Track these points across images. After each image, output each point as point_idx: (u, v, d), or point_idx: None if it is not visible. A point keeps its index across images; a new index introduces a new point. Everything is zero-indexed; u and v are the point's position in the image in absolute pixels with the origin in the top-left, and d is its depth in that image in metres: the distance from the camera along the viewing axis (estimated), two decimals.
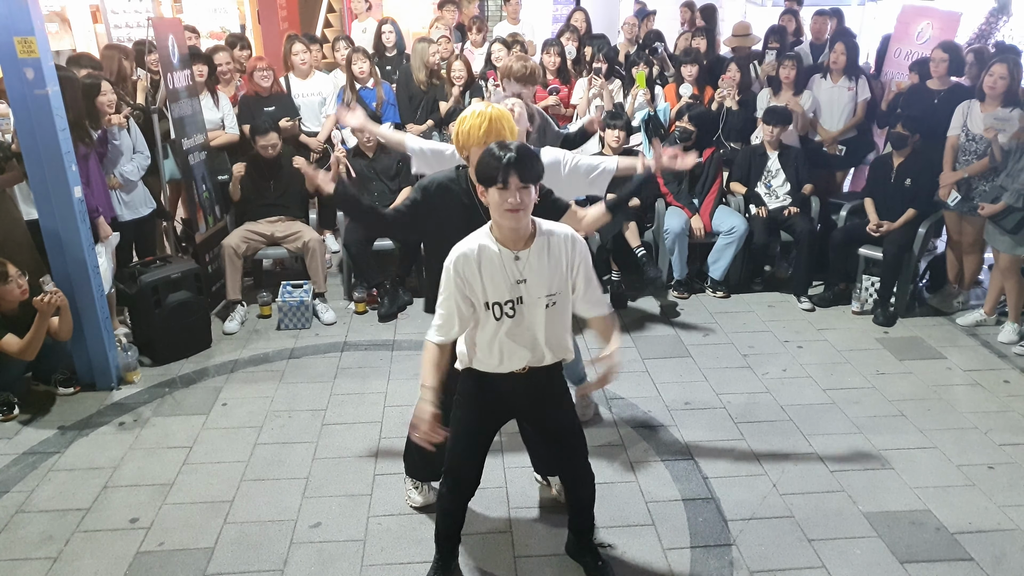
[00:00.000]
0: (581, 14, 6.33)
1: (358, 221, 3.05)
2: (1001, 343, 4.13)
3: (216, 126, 4.90)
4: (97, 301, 3.60)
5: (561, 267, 2.10)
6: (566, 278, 2.12)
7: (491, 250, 2.05)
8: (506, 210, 1.97)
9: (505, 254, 2.05)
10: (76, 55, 4.91)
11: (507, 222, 2.01)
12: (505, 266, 2.05)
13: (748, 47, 6.10)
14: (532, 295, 2.08)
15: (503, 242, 2.06)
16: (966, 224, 4.37)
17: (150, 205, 4.34)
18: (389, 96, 5.25)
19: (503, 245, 2.05)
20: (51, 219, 3.46)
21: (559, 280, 2.11)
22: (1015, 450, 3.18)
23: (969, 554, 2.59)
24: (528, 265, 2.06)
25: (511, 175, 1.94)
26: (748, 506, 2.84)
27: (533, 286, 2.08)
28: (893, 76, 5.48)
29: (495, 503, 2.86)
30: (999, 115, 4.01)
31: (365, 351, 4.13)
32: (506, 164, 1.94)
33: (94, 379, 3.70)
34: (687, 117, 4.75)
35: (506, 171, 1.94)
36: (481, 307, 2.09)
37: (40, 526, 2.75)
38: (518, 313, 2.09)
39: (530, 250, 2.06)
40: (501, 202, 1.97)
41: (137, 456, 3.17)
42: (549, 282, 2.09)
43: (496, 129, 2.32)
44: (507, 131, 2.33)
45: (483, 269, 2.06)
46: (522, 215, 1.99)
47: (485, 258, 2.05)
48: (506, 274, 2.06)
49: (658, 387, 3.69)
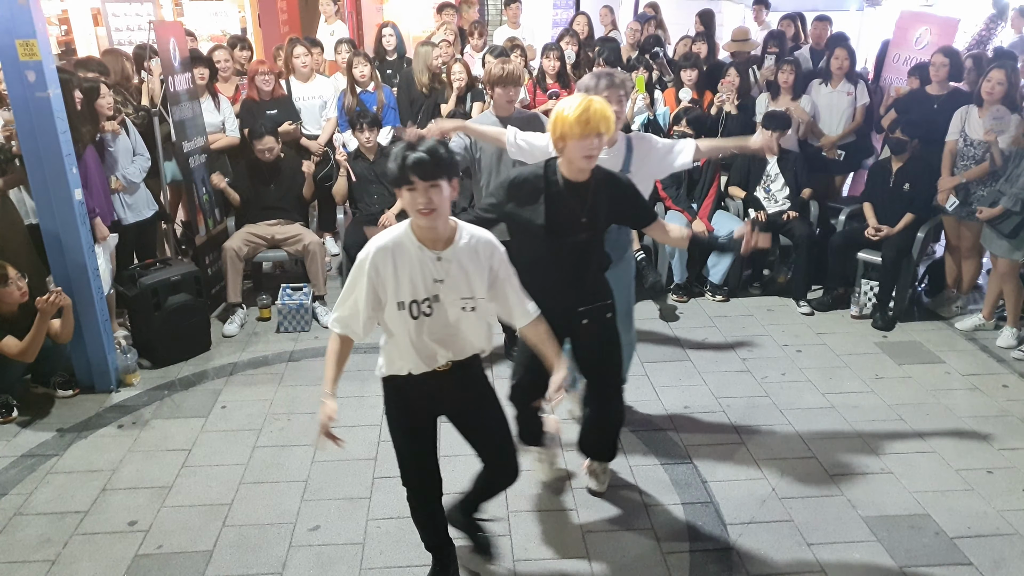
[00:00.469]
0: (583, 18, 6.35)
1: None
2: (1000, 347, 4.14)
3: (217, 129, 4.91)
4: (97, 303, 3.61)
5: (482, 273, 2.09)
6: (486, 285, 2.11)
7: (410, 248, 2.04)
8: (417, 211, 1.96)
9: (425, 253, 2.04)
10: (82, 59, 4.92)
11: (421, 222, 2.00)
12: (424, 265, 2.04)
13: (747, 52, 6.12)
14: (449, 297, 2.08)
15: (423, 241, 2.04)
16: (964, 229, 4.38)
17: (152, 207, 4.34)
18: (389, 100, 5.26)
19: (423, 244, 2.04)
20: (51, 221, 3.46)
21: (478, 286, 2.09)
22: (1014, 454, 3.18)
23: (968, 558, 2.59)
24: (449, 267, 2.05)
25: (413, 175, 1.92)
26: (747, 510, 2.84)
27: (451, 288, 2.07)
28: (892, 81, 5.50)
29: (494, 506, 2.85)
30: (995, 114, 4.02)
31: (364, 354, 4.12)
32: (407, 165, 1.92)
33: (93, 381, 3.69)
34: (684, 121, 4.76)
35: (408, 171, 1.92)
36: (393, 307, 2.07)
37: (38, 529, 2.75)
38: (436, 311, 2.08)
39: (451, 252, 2.05)
40: (412, 203, 1.96)
41: (136, 459, 3.17)
42: (468, 286, 2.08)
43: (594, 121, 2.28)
44: (604, 124, 2.29)
45: (399, 266, 2.04)
46: (435, 216, 1.97)
47: (402, 255, 2.04)
48: (424, 273, 2.05)
49: (657, 391, 3.69)
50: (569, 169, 2.41)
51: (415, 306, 2.06)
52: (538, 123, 3.57)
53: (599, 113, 2.28)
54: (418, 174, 1.92)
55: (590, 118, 2.27)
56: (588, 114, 2.27)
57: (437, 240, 2.04)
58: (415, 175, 1.92)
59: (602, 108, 2.29)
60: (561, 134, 2.32)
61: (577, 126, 2.26)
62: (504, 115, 3.53)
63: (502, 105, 3.50)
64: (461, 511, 2.52)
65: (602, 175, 2.47)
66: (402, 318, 2.07)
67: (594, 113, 2.27)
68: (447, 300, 2.08)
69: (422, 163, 1.92)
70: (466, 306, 2.09)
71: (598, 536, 2.70)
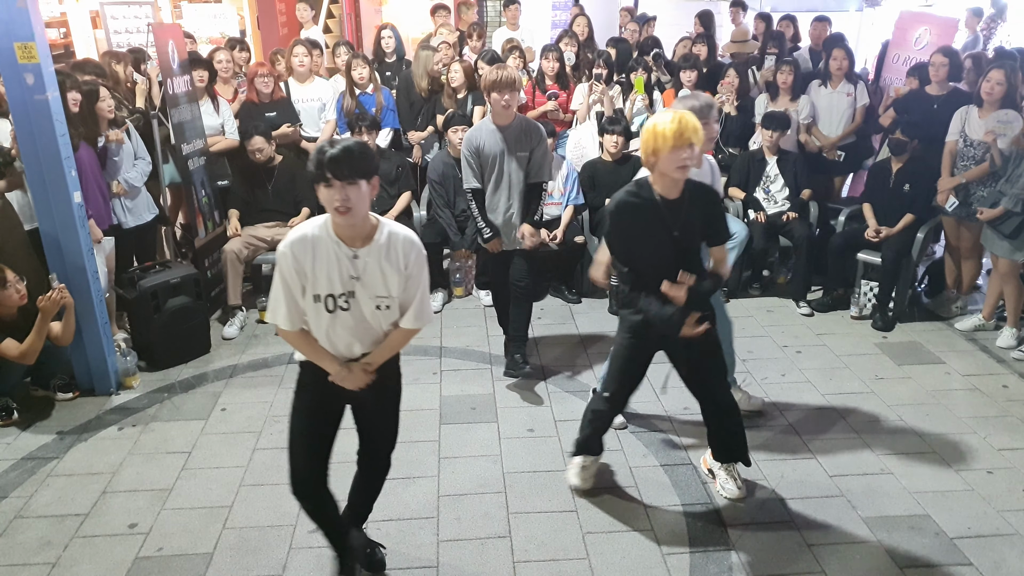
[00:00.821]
0: (584, 19, 6.35)
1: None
2: (1000, 348, 4.13)
3: (216, 131, 4.91)
4: (96, 306, 3.61)
5: (398, 272, 2.10)
6: (401, 284, 2.11)
7: (327, 243, 2.05)
8: (334, 208, 1.97)
9: (343, 249, 2.05)
10: (80, 61, 4.92)
11: (338, 220, 2.01)
12: (340, 261, 2.05)
13: (747, 53, 6.12)
14: (365, 294, 2.09)
15: (340, 237, 2.05)
16: (964, 229, 4.38)
17: (153, 211, 4.34)
18: (388, 102, 5.26)
19: (340, 239, 2.05)
20: (50, 224, 3.46)
21: (394, 285, 2.10)
22: (1014, 455, 3.18)
23: (968, 559, 2.59)
24: (365, 264, 2.06)
25: (328, 172, 1.93)
26: (747, 511, 2.84)
27: (367, 285, 2.08)
28: (891, 82, 5.50)
29: (494, 507, 2.86)
30: (1001, 117, 4.02)
31: None
32: (325, 161, 1.93)
33: (93, 384, 3.69)
34: None
35: (324, 168, 1.93)
36: (309, 298, 2.08)
37: (39, 531, 2.75)
38: (352, 306, 2.10)
39: (368, 250, 2.06)
40: (329, 200, 1.97)
41: (136, 461, 3.17)
42: (384, 286, 2.09)
43: (687, 132, 2.33)
44: (696, 135, 2.35)
45: (316, 259, 2.05)
46: (351, 215, 1.98)
47: (320, 249, 2.05)
48: (340, 269, 2.06)
49: (655, 391, 3.69)
50: (662, 184, 2.47)
51: (331, 300, 2.08)
52: (537, 132, 3.56)
53: (691, 124, 2.35)
54: (335, 172, 1.93)
55: (683, 129, 2.33)
56: (681, 125, 2.33)
57: (355, 237, 2.05)
58: (331, 173, 1.93)
59: (694, 120, 2.37)
60: (654, 148, 2.38)
61: (671, 137, 2.32)
62: (503, 123, 3.50)
63: (499, 111, 3.46)
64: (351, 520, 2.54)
65: (694, 187, 2.52)
66: (317, 310, 2.10)
67: (686, 124, 2.34)
68: (362, 297, 2.09)
69: (340, 161, 1.93)
70: (380, 304, 2.11)
71: (598, 537, 2.70)
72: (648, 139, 2.39)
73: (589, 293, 4.88)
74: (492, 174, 3.55)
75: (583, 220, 4.87)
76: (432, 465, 3.13)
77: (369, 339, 2.18)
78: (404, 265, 2.10)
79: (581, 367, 3.97)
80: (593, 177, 4.85)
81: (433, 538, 2.71)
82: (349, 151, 1.95)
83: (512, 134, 3.51)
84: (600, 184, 4.83)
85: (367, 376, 2.19)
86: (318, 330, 2.14)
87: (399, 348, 2.24)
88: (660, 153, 2.37)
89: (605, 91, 5.07)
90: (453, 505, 2.88)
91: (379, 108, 5.15)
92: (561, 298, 4.86)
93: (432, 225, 4.75)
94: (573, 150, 5.20)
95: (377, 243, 2.07)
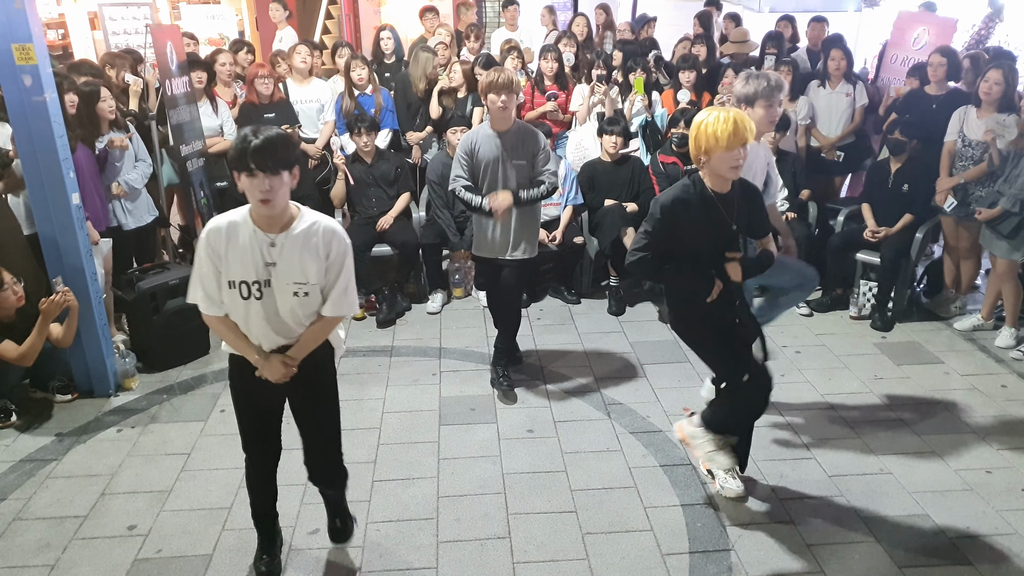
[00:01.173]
0: (583, 19, 6.36)
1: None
2: (998, 348, 4.14)
3: (215, 132, 4.91)
4: (95, 308, 3.60)
5: (318, 260, 2.12)
6: (321, 272, 2.13)
7: (244, 229, 2.08)
8: (257, 199, 1.99)
9: (259, 236, 2.07)
10: (76, 62, 4.91)
11: (259, 209, 2.04)
12: (256, 247, 2.08)
13: (746, 53, 6.12)
14: (281, 280, 2.11)
15: (258, 224, 2.07)
16: (963, 229, 4.38)
17: (153, 213, 4.34)
18: (387, 102, 5.27)
19: (258, 227, 2.07)
20: (49, 226, 3.46)
21: (313, 272, 2.12)
22: (1013, 454, 3.18)
23: (967, 559, 2.59)
24: (282, 251, 2.08)
25: (250, 162, 1.95)
26: (746, 511, 2.84)
27: (283, 272, 2.10)
28: (891, 82, 5.51)
29: (494, 508, 2.86)
30: (1000, 119, 4.03)
31: (363, 357, 4.13)
32: (249, 151, 1.95)
33: (92, 386, 3.69)
34: (683, 123, 4.77)
35: (247, 158, 1.95)
36: (224, 284, 2.11)
37: (37, 533, 2.75)
38: (266, 295, 2.12)
39: (285, 236, 2.08)
40: (251, 189, 1.99)
41: (135, 463, 3.17)
42: (301, 272, 2.11)
43: (741, 132, 2.35)
44: (750, 133, 2.36)
45: (230, 245, 2.08)
46: (273, 204, 2.01)
47: (235, 235, 2.08)
48: (254, 255, 2.08)
49: (656, 392, 3.69)
50: (714, 181, 2.49)
51: (244, 287, 2.11)
52: (535, 138, 3.46)
53: (744, 124, 2.36)
54: (258, 163, 1.95)
55: (737, 130, 2.33)
56: (735, 126, 2.33)
57: (273, 224, 2.08)
58: (255, 163, 1.95)
59: (745, 119, 2.37)
60: (705, 148, 2.38)
61: (725, 139, 2.33)
62: (501, 128, 3.40)
63: (496, 113, 3.35)
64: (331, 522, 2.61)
65: (740, 183, 2.55)
66: (232, 297, 2.13)
67: (740, 125, 2.34)
68: (279, 284, 2.11)
69: (263, 152, 1.95)
70: (299, 291, 2.13)
71: (597, 538, 2.70)
72: (700, 138, 2.39)
73: (588, 294, 4.88)
74: (485, 181, 3.44)
75: (582, 221, 4.87)
76: (431, 466, 3.12)
77: (288, 330, 2.20)
78: (326, 254, 2.13)
79: (580, 368, 3.97)
80: (592, 178, 4.85)
81: (432, 539, 2.71)
82: (272, 142, 1.98)
83: (510, 140, 3.41)
84: (599, 185, 4.83)
85: (287, 368, 2.22)
86: (236, 317, 2.19)
87: (321, 339, 2.26)
88: (712, 153, 2.39)
89: (606, 92, 5.08)
90: (452, 506, 2.88)
91: (378, 109, 5.15)
92: (560, 299, 4.86)
93: (431, 226, 4.75)
94: (574, 151, 5.20)
95: (295, 230, 2.09)
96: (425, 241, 4.69)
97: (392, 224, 4.64)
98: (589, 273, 4.89)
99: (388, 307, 4.51)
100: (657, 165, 4.83)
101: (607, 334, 4.36)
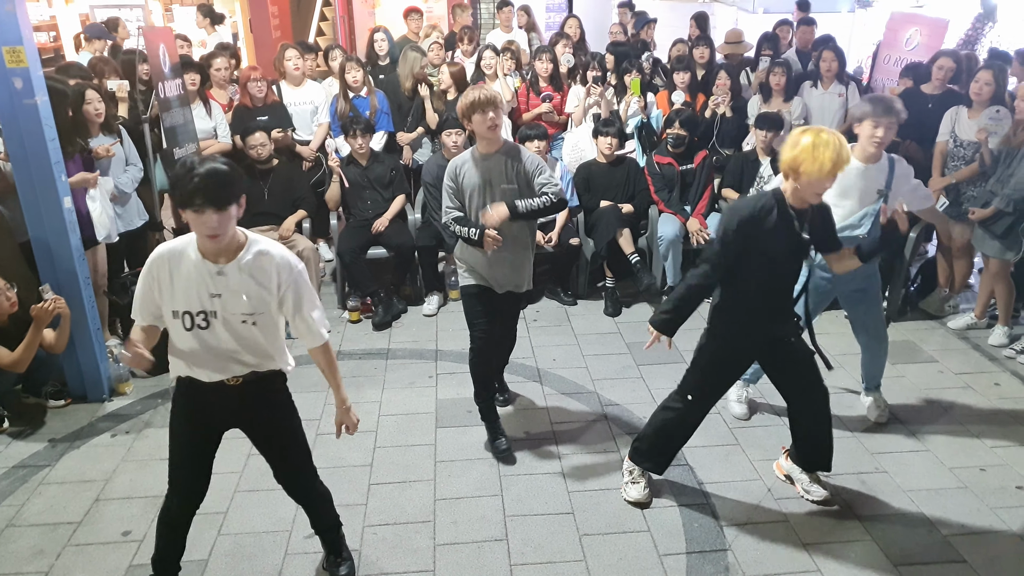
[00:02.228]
0: (575, 21, 6.36)
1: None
2: (992, 346, 4.16)
3: (208, 135, 4.89)
4: (88, 312, 3.58)
5: (267, 290, 2.05)
6: (270, 302, 2.07)
7: (189, 259, 2.02)
8: (204, 234, 1.93)
9: (206, 266, 2.01)
10: (65, 64, 4.88)
11: (204, 244, 1.99)
12: (200, 277, 2.01)
13: (740, 54, 6.14)
14: (228, 311, 2.04)
15: (204, 253, 2.01)
16: (956, 229, 4.40)
17: (143, 217, 4.31)
18: (383, 104, 5.26)
19: (204, 256, 2.01)
20: (40, 229, 3.44)
21: (261, 302, 2.05)
22: (1006, 452, 3.20)
23: (962, 556, 2.61)
24: (227, 281, 2.02)
25: (196, 199, 1.87)
26: (743, 511, 2.84)
27: (229, 302, 2.03)
28: (884, 83, 5.53)
29: (491, 511, 2.86)
30: (993, 115, 4.05)
31: (359, 360, 4.12)
32: (193, 189, 1.87)
33: (85, 391, 3.67)
34: (678, 123, 4.78)
35: (193, 196, 1.87)
36: (168, 314, 2.07)
37: (31, 540, 2.73)
38: (211, 326, 2.05)
39: (232, 266, 2.01)
40: (198, 225, 1.93)
41: (129, 468, 3.15)
42: (248, 302, 2.04)
43: (840, 165, 2.36)
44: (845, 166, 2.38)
45: (175, 275, 2.03)
46: (220, 239, 1.95)
47: (180, 265, 2.03)
48: (199, 285, 2.02)
49: (653, 393, 3.69)
50: (797, 199, 2.50)
51: (188, 317, 2.05)
52: (520, 155, 3.07)
53: (844, 157, 2.36)
54: (205, 200, 1.88)
55: (838, 164, 2.34)
56: (840, 158, 2.33)
57: (219, 254, 2.01)
58: (201, 200, 1.88)
59: (846, 151, 2.37)
60: (804, 170, 2.37)
61: (828, 168, 2.33)
62: (489, 150, 3.01)
63: (486, 133, 2.95)
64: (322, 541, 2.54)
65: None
66: (176, 326, 2.08)
67: (841, 159, 2.34)
68: (226, 314, 2.05)
69: (210, 190, 1.88)
70: (247, 320, 2.06)
71: (594, 539, 2.70)
72: (801, 157, 2.37)
73: (585, 295, 4.88)
74: (472, 209, 3.06)
75: (578, 222, 4.88)
76: (428, 469, 3.12)
77: (236, 362, 2.12)
78: (276, 285, 2.05)
79: (577, 369, 3.97)
80: (588, 179, 4.85)
81: (430, 542, 2.70)
82: (218, 177, 1.89)
83: (498, 163, 3.03)
84: (595, 186, 4.84)
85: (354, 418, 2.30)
86: (181, 347, 2.12)
87: (331, 367, 2.26)
88: (807, 176, 2.38)
89: (603, 93, 5.09)
90: (449, 509, 2.87)
91: (373, 111, 5.14)
92: (557, 300, 4.86)
93: (427, 228, 4.75)
94: (571, 152, 5.21)
95: (242, 260, 2.02)
96: (421, 243, 4.69)
97: (388, 226, 4.63)
98: (585, 274, 4.90)
99: (384, 309, 4.51)
100: (653, 165, 4.84)
101: (603, 335, 4.36)
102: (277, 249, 2.09)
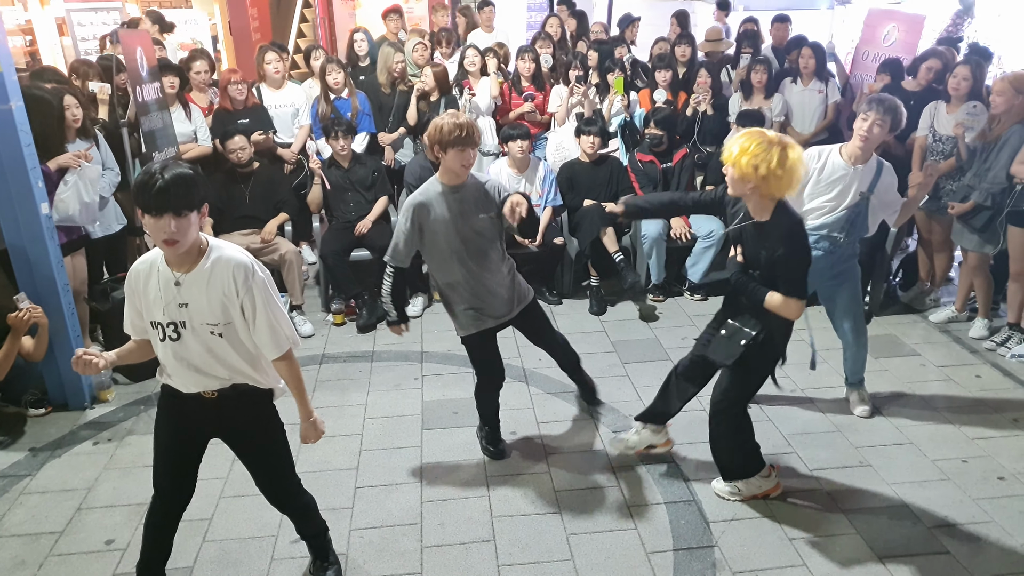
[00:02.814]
0: (556, 20, 6.37)
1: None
2: (972, 339, 4.21)
3: (188, 138, 4.84)
4: (68, 319, 3.54)
5: (224, 299, 2.02)
6: (232, 311, 2.04)
7: (158, 270, 2.02)
8: (162, 240, 1.91)
9: (168, 276, 2.00)
10: (40, 68, 4.81)
11: (165, 251, 1.98)
12: (168, 287, 2.01)
13: (720, 52, 6.17)
14: (195, 320, 2.03)
15: (169, 263, 2.01)
16: (935, 223, 4.46)
17: (121, 221, 4.26)
18: (364, 106, 5.23)
19: (168, 265, 2.01)
20: (17, 236, 3.39)
21: (224, 311, 2.03)
22: (988, 443, 3.24)
23: (945, 547, 2.63)
24: (189, 291, 2.00)
25: (155, 203, 1.85)
26: (729, 507, 2.86)
27: (195, 312, 2.02)
28: (862, 79, 5.58)
29: (478, 512, 2.85)
30: (970, 110, 4.10)
31: (344, 363, 4.10)
32: (153, 193, 1.85)
33: (66, 399, 3.62)
34: (653, 122, 4.80)
35: (151, 199, 1.85)
36: (148, 325, 2.08)
37: (12, 551, 2.69)
38: (182, 337, 2.04)
39: (191, 276, 2.00)
40: (156, 231, 1.90)
41: (112, 476, 3.11)
42: (210, 312, 2.02)
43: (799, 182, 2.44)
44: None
45: (148, 286, 2.03)
46: (179, 245, 1.93)
47: (151, 276, 2.03)
48: (167, 295, 2.01)
49: (638, 391, 3.70)
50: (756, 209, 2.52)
51: (160, 328, 2.05)
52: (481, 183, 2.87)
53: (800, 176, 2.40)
54: (162, 204, 1.86)
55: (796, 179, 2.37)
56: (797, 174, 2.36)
57: (181, 263, 2.00)
58: (159, 204, 1.86)
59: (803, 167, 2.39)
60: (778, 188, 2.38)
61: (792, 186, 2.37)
62: (457, 182, 2.79)
63: (458, 172, 2.75)
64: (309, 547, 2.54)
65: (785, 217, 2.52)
66: (154, 337, 2.09)
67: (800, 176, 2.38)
68: (194, 324, 2.03)
69: (168, 194, 1.85)
70: (214, 331, 2.04)
71: (582, 538, 2.70)
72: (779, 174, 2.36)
73: (570, 294, 4.88)
74: (445, 245, 2.82)
75: (562, 221, 4.88)
76: (415, 471, 3.11)
77: (211, 375, 2.10)
78: (235, 293, 2.02)
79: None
80: (571, 178, 4.86)
81: (417, 544, 2.69)
82: (179, 182, 1.87)
83: (470, 195, 2.81)
84: (578, 185, 4.84)
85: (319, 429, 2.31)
86: (160, 358, 2.13)
87: (294, 379, 2.18)
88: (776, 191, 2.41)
89: (586, 92, 5.09)
90: (436, 510, 2.86)
91: (355, 113, 5.11)
92: (542, 300, 4.85)
93: None
94: (555, 152, 5.21)
95: (201, 268, 2.00)
96: None
97: (370, 228, 4.61)
98: (570, 274, 4.90)
99: (368, 312, 4.48)
100: (636, 163, 4.86)
101: (589, 334, 4.37)
102: (237, 254, 2.04)
